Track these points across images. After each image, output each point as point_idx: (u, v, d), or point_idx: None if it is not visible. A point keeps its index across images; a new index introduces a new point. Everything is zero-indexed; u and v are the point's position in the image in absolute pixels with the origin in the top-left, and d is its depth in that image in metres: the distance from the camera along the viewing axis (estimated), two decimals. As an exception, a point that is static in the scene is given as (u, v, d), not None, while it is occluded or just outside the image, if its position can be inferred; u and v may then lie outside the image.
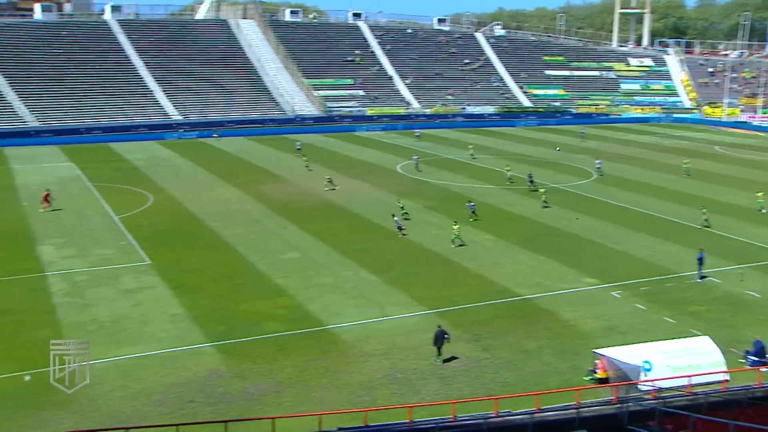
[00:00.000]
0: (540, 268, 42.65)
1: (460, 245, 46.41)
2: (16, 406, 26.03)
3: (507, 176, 68.92)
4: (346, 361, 29.99)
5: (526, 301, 37.31)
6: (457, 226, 47.43)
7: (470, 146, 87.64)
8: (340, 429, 23.97)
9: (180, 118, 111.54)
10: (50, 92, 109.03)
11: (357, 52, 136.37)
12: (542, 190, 59.89)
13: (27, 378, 27.91)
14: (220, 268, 42.16)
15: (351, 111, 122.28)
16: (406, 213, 53.53)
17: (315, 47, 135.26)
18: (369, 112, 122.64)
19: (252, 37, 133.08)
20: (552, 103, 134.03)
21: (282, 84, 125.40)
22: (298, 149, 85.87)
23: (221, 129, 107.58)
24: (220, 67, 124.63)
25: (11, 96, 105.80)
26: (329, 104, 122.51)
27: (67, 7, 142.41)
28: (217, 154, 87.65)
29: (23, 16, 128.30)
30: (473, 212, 53.63)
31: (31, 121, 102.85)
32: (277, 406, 26.26)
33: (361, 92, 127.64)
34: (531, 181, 65.33)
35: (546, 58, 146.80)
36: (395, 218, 50.11)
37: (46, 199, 56.75)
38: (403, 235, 48.75)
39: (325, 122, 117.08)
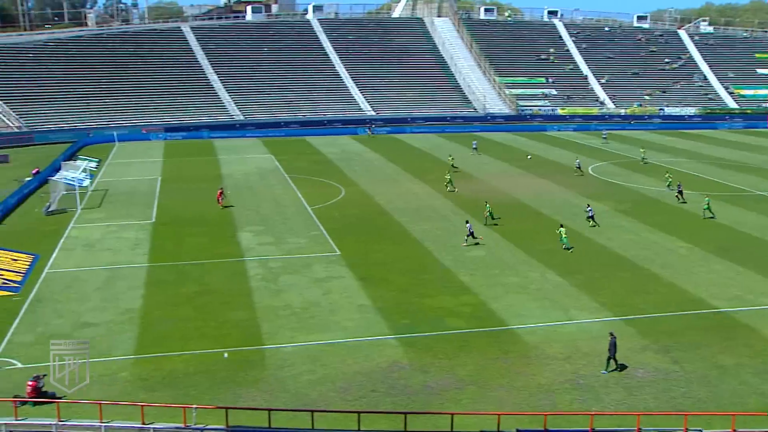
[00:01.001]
0: (739, 279, 39.73)
1: (567, 248, 44.92)
2: (215, 380, 27.93)
3: (666, 183, 64.15)
4: (527, 363, 29.51)
5: (723, 314, 34.88)
6: (564, 229, 46.05)
7: (642, 149, 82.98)
8: (519, 431, 23.64)
9: (373, 113, 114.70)
10: (255, 88, 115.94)
11: (551, 50, 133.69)
12: (706, 200, 54.85)
13: (225, 355, 29.88)
14: (406, 262, 42.88)
15: (542, 110, 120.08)
16: (492, 216, 51.72)
17: (508, 45, 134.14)
18: (561, 111, 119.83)
19: (446, 34, 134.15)
20: (763, 105, 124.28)
21: (474, 82, 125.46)
22: (474, 149, 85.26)
23: (412, 125, 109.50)
24: (413, 65, 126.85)
25: (222, 92, 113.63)
26: (521, 103, 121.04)
27: (274, 8, 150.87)
28: (407, 149, 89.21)
29: (236, 17, 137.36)
30: (591, 218, 51.07)
31: (237, 114, 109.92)
32: (456, 403, 26.31)
33: (553, 91, 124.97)
34: (680, 193, 59.17)
35: (759, 55, 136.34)
36: (468, 224, 46.96)
37: (220, 196, 58.48)
38: (476, 243, 46.17)
39: (515, 121, 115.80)
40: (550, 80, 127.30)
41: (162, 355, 30.04)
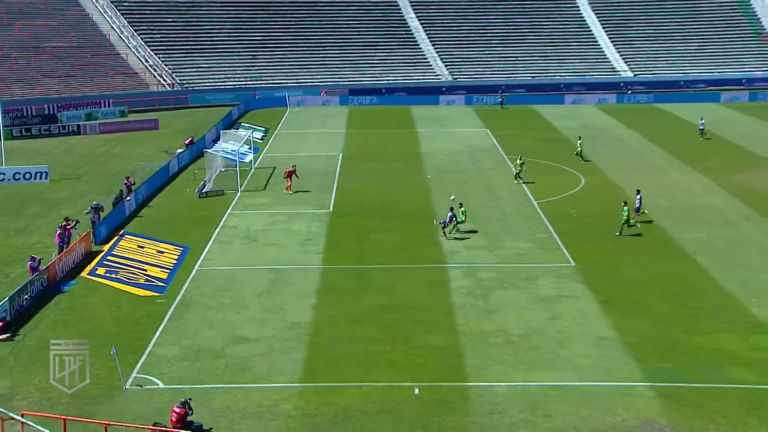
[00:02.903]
0: None
1: (636, 235, 48.22)
2: (402, 424, 28.35)
3: None
4: None
5: None
6: (626, 207, 49.23)
7: None
8: None
9: (630, 75, 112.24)
10: (469, 40, 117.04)
11: None
12: None
13: (416, 391, 30.34)
14: (669, 282, 41.68)
15: None
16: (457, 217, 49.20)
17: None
18: None
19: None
20: None
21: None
22: (701, 130, 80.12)
23: (687, 92, 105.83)
24: (692, 6, 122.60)
25: (425, 45, 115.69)
26: None
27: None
28: (677, 125, 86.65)
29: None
30: (637, 210, 51.65)
31: (444, 75, 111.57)
32: (739, 489, 25.20)
33: None
34: None
35: None
36: (451, 213, 48.47)
37: (290, 176, 59.96)
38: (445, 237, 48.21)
39: None
40: None
41: (335, 385, 31.00)
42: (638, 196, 52.16)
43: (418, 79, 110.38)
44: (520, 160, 62.91)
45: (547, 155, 71.43)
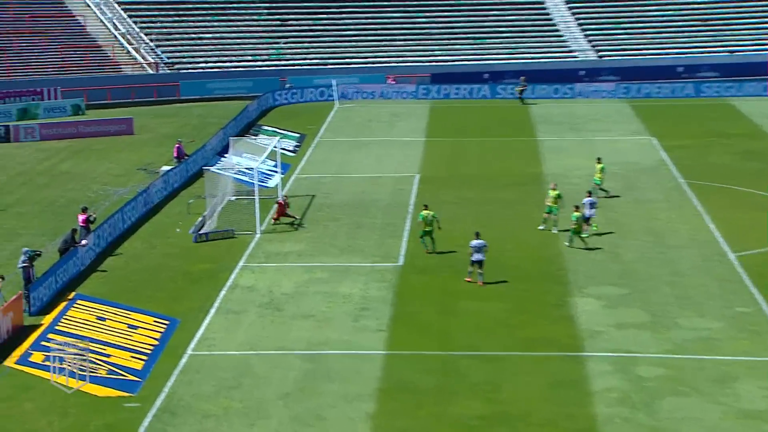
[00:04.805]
0: None
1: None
2: None
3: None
4: None
5: None
6: (576, 213, 55.72)
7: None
8: None
9: None
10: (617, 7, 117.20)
11: None
12: None
13: None
14: None
15: None
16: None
17: None
18: None
19: None
20: None
21: None
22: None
23: None
24: None
25: (555, 8, 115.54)
26: None
27: None
28: None
29: None
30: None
31: (585, 50, 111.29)
32: None
33: None
34: None
35: None
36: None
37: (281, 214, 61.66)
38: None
39: None
40: None
41: None
42: (588, 200, 55.43)
43: (542, 59, 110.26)
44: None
45: (751, 179, 70.97)
